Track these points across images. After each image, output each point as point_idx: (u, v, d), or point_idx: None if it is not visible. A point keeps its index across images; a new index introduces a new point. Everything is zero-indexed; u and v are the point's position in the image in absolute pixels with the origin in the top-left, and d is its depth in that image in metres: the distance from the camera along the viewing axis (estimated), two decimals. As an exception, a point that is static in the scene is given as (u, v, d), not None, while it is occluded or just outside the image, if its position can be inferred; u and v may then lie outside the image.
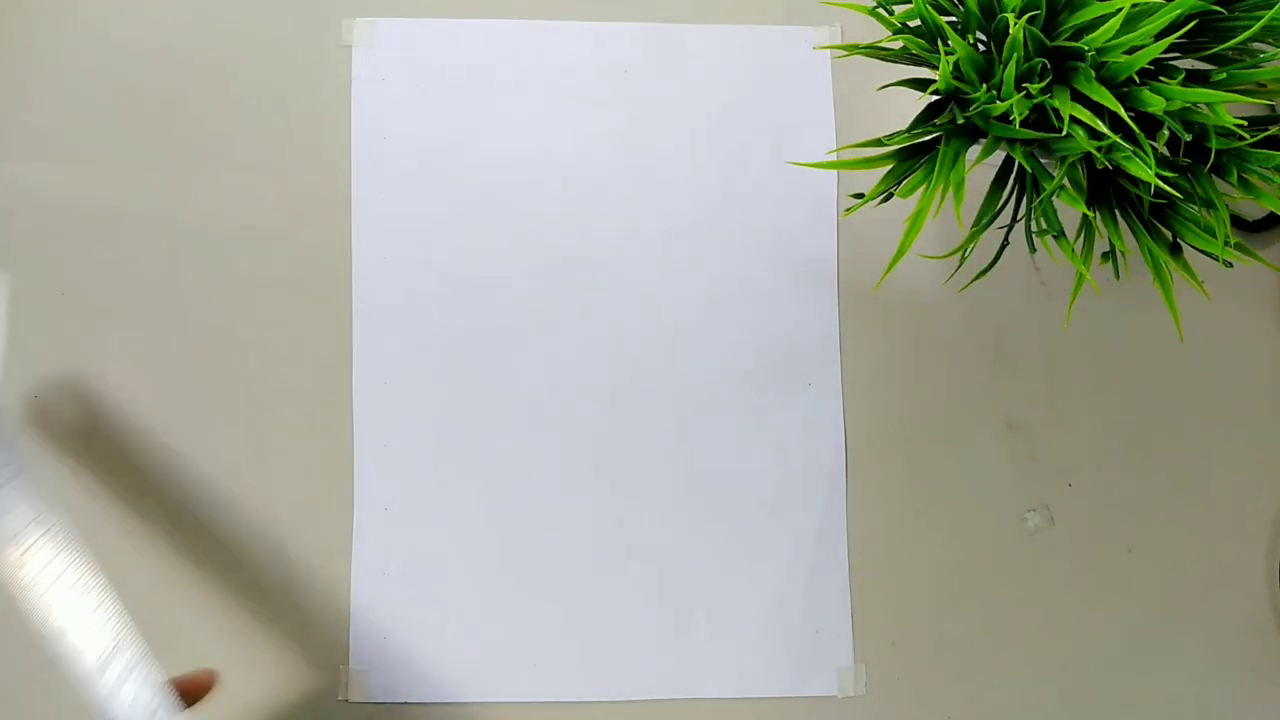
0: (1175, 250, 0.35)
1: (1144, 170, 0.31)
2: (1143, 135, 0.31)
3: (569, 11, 0.48)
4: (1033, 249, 0.36)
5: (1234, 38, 0.32)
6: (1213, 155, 0.32)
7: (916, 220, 0.34)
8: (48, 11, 0.47)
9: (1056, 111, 0.32)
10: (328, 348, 0.45)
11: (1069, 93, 0.32)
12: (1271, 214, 0.46)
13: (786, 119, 0.47)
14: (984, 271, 0.37)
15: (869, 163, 0.35)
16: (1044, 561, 0.45)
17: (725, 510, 0.45)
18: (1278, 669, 0.45)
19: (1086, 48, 0.31)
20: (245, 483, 0.44)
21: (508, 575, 0.44)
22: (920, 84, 0.34)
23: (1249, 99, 0.33)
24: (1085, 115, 0.31)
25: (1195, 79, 0.33)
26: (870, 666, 0.44)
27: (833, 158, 0.46)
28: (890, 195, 0.35)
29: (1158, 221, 0.35)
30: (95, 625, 0.33)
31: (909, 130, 0.35)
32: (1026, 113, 0.32)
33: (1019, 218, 0.36)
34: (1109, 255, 0.35)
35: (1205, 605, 0.45)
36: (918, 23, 0.34)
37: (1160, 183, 0.31)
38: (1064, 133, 0.31)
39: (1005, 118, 0.32)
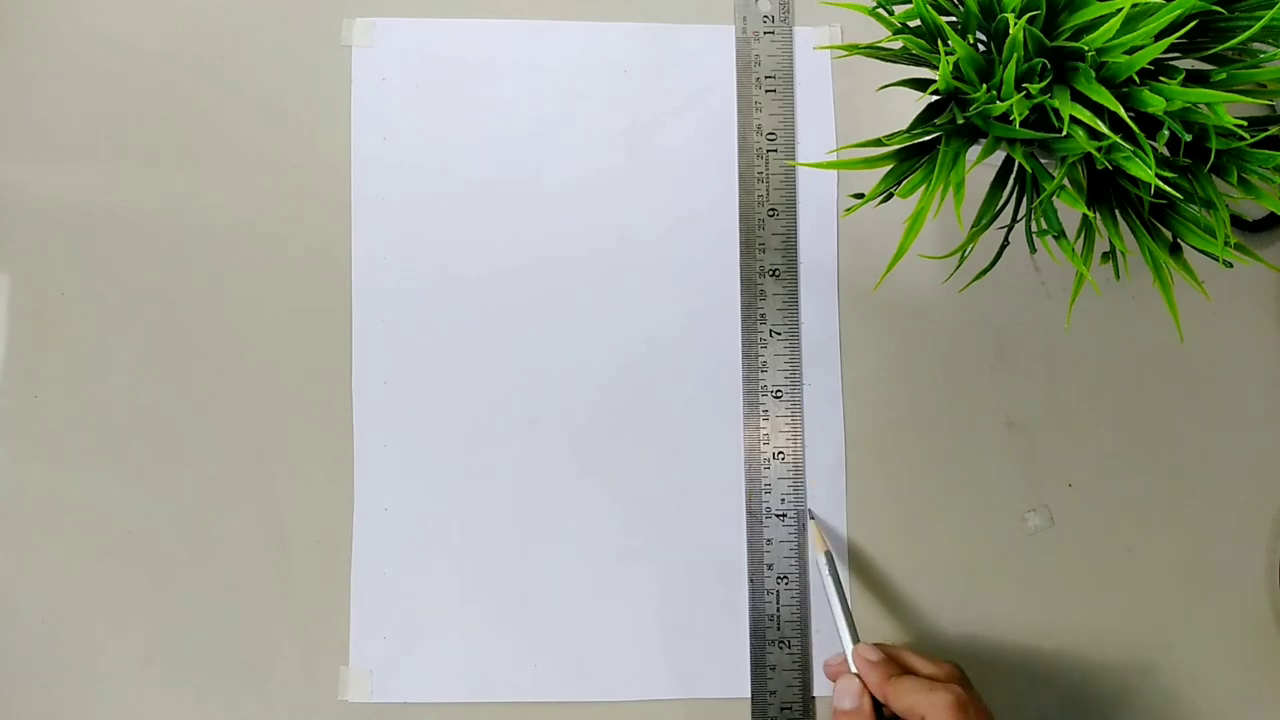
0: (1175, 250, 0.35)
1: (1144, 170, 0.31)
2: (1143, 135, 0.31)
3: (569, 11, 0.48)
4: (1033, 249, 0.36)
5: (1234, 38, 0.32)
6: (1213, 155, 0.32)
7: (916, 220, 0.34)
8: (47, 11, 0.47)
9: (1056, 111, 0.32)
10: (328, 347, 0.45)
11: (1069, 93, 0.32)
12: (1271, 214, 0.46)
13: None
14: (984, 271, 0.37)
15: (869, 163, 0.35)
16: (1044, 561, 0.45)
17: (724, 510, 0.45)
18: (1278, 669, 0.45)
19: (1086, 48, 0.31)
20: (245, 482, 0.44)
21: (508, 575, 0.44)
22: (920, 84, 0.34)
23: (1249, 99, 0.33)
24: (1085, 115, 0.31)
25: (1195, 79, 0.33)
26: (870, 666, 0.44)
27: (833, 158, 0.46)
28: (890, 195, 0.35)
29: (1158, 221, 0.35)
30: None
31: (909, 130, 0.35)
32: (1026, 113, 0.32)
33: (1019, 218, 0.36)
34: (1109, 255, 0.35)
35: (1205, 605, 0.45)
36: (918, 23, 0.34)
37: (1160, 183, 0.31)
38: (1064, 133, 0.31)
39: (1005, 118, 0.32)
